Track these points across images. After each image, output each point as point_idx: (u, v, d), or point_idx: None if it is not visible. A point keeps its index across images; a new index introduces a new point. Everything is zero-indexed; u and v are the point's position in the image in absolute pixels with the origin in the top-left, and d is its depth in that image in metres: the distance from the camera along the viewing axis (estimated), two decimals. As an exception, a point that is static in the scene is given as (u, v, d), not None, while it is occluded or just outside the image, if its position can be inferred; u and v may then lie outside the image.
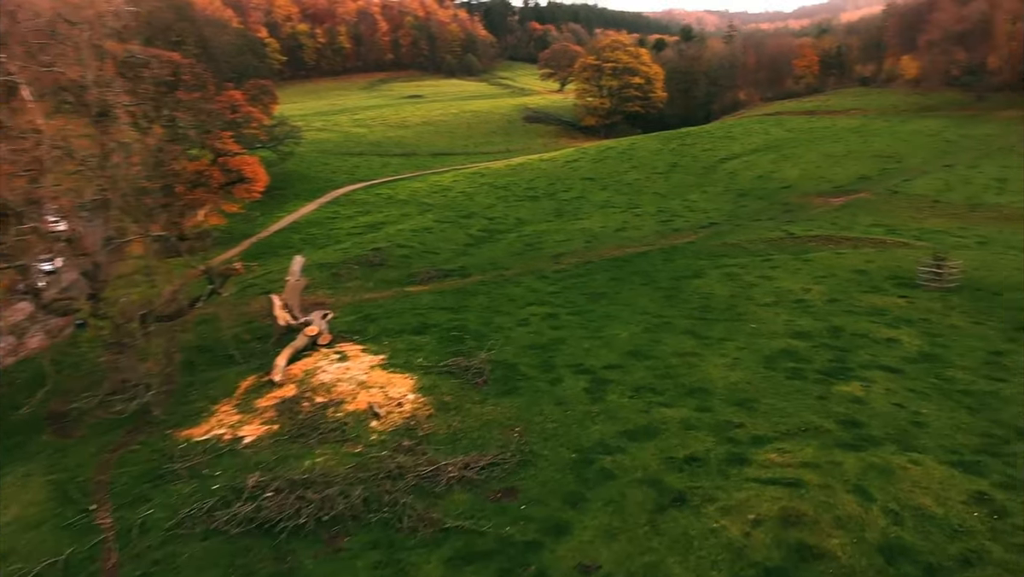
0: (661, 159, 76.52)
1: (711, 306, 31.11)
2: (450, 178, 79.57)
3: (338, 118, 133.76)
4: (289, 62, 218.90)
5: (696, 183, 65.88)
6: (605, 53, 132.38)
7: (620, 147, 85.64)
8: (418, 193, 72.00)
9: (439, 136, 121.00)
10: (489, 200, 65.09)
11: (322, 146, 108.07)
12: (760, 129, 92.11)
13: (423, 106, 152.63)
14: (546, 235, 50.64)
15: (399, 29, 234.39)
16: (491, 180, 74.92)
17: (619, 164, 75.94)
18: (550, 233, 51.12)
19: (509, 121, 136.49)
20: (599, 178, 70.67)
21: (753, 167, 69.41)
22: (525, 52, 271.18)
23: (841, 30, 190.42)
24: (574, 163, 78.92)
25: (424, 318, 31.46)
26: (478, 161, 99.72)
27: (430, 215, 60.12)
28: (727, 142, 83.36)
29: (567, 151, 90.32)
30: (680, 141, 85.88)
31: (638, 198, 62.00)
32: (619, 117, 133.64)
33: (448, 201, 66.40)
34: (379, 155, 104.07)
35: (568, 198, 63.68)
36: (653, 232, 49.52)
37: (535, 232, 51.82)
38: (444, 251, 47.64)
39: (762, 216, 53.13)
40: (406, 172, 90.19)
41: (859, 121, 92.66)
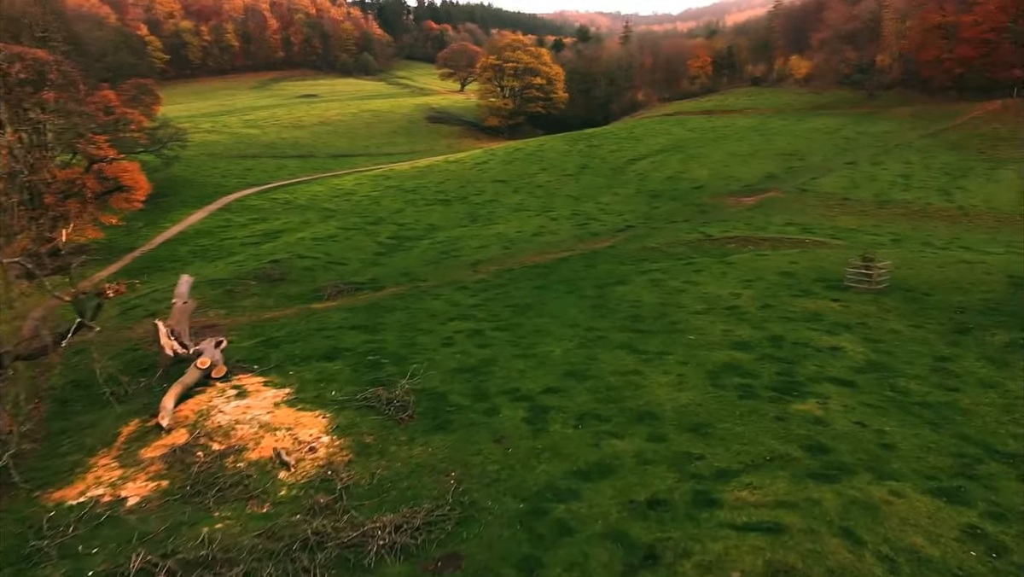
0: (570, 160, 75.44)
1: (642, 315, 29.51)
2: (353, 181, 75.73)
3: (227, 119, 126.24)
4: (173, 61, 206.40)
5: (607, 184, 65.02)
6: (506, 53, 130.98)
7: (528, 148, 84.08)
8: (319, 198, 67.90)
9: (338, 137, 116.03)
10: (397, 204, 61.93)
11: (211, 149, 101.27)
12: (663, 129, 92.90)
13: (319, 106, 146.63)
14: (461, 241, 48.10)
15: (290, 27, 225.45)
16: (398, 183, 71.68)
17: (529, 166, 74.30)
18: (465, 239, 48.62)
19: (411, 121, 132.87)
20: (510, 180, 68.76)
21: (662, 167, 69.32)
22: (422, 52, 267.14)
23: (731, 31, 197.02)
24: (483, 165, 76.70)
25: (335, 341, 28.30)
26: (382, 163, 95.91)
27: (334, 222, 56.40)
28: (632, 143, 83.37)
29: (475, 152, 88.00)
30: (587, 142, 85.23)
31: (552, 201, 60.45)
32: (522, 118, 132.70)
33: (353, 206, 62.75)
34: (274, 157, 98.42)
35: (481, 201, 61.39)
36: (571, 236, 47.88)
37: (449, 238, 49.20)
38: (352, 261, 44.26)
39: (677, 218, 52.58)
40: (304, 175, 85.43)
41: (757, 120, 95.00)
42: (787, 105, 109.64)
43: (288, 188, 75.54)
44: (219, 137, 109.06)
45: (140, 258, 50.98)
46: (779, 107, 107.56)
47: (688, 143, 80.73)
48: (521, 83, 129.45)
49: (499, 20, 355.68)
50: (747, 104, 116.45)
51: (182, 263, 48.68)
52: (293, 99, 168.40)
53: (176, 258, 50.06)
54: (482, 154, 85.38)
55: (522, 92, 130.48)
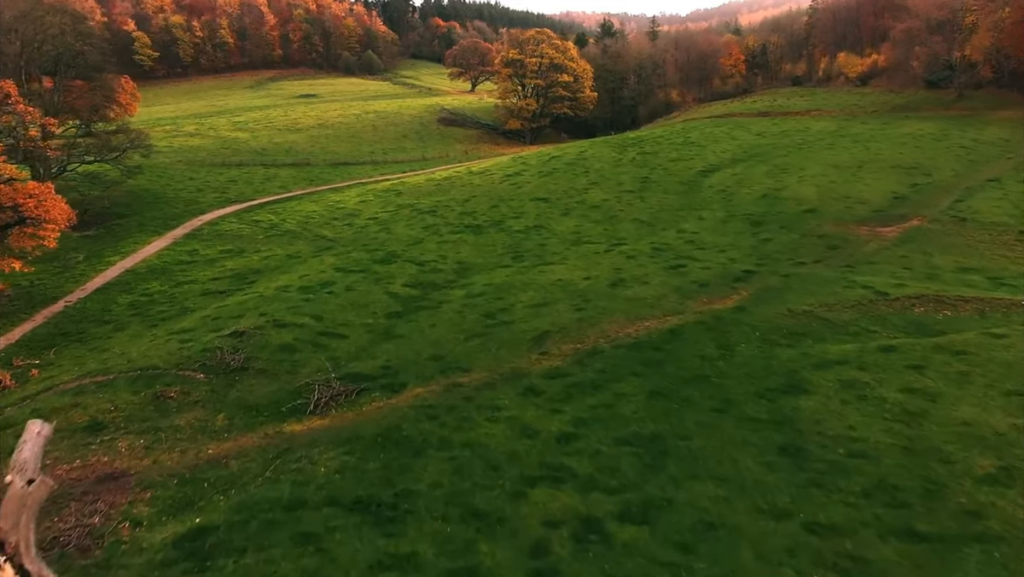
0: (625, 172, 60.86)
1: (892, 483, 15.08)
2: (356, 197, 61.24)
3: (215, 120, 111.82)
4: (163, 59, 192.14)
5: (684, 205, 50.46)
6: (529, 47, 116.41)
7: (567, 156, 69.47)
8: (313, 221, 53.47)
9: (338, 141, 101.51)
10: (414, 231, 47.41)
11: (191, 155, 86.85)
12: (722, 133, 78.35)
13: (318, 106, 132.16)
14: (509, 293, 33.51)
15: (288, 23, 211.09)
16: (412, 201, 57.21)
17: (574, 179, 59.70)
18: (514, 290, 34.03)
19: (422, 124, 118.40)
20: (555, 198, 54.17)
21: (747, 182, 54.75)
22: (429, 50, 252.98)
23: (765, 27, 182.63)
24: (516, 177, 62.09)
25: (319, 557, 13.82)
26: (390, 172, 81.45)
27: (330, 258, 41.85)
28: (694, 150, 68.78)
29: (501, 161, 73.43)
30: (637, 149, 70.63)
31: (618, 228, 45.91)
32: (547, 120, 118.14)
33: (356, 234, 48.28)
34: (263, 165, 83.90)
35: (523, 229, 46.85)
36: (668, 288, 33.22)
37: (492, 288, 34.62)
38: (354, 331, 29.72)
39: (803, 256, 37.96)
40: (297, 188, 70.92)
41: (833, 123, 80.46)
42: (855, 106, 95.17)
43: (276, 206, 61.04)
44: (202, 142, 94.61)
45: (60, 315, 36.41)
46: (848, 108, 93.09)
47: (765, 151, 66.11)
48: (546, 81, 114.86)
49: (507, 19, 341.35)
50: (806, 105, 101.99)
51: (113, 326, 34.13)
52: (290, 99, 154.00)
53: (108, 317, 35.51)
54: (511, 163, 70.85)
55: (547, 91, 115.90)
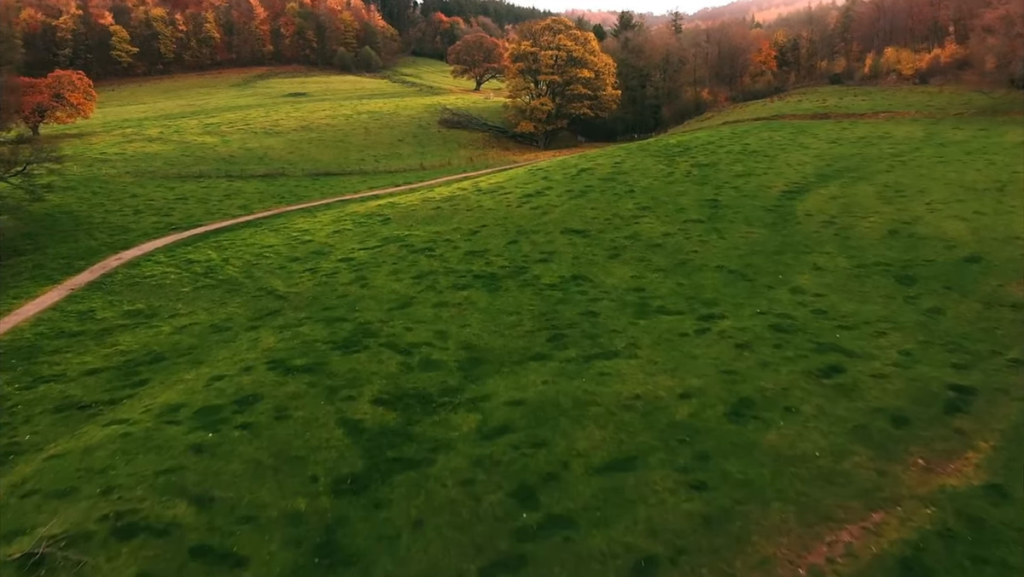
0: (683, 192, 46.46)
1: None
2: (330, 225, 46.93)
3: (184, 123, 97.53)
4: (144, 55, 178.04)
5: (782, 245, 36.02)
6: (544, 38, 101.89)
7: (599, 169, 55.05)
8: (264, 261, 39.18)
9: (323, 147, 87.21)
10: (401, 284, 32.99)
11: (144, 165, 72.69)
12: (784, 139, 64.09)
13: (305, 106, 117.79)
14: (553, 430, 19.19)
15: (280, 17, 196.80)
16: (402, 231, 42.83)
17: (616, 201, 45.27)
18: (561, 418, 19.74)
19: (420, 126, 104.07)
20: (595, 231, 39.72)
21: (856, 209, 40.48)
22: (431, 47, 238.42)
23: (799, 21, 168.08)
24: (538, 198, 47.65)
25: None
26: (379, 186, 67.16)
27: (270, 335, 27.48)
28: (763, 160, 54.50)
29: (516, 174, 58.96)
30: (688, 159, 56.31)
31: (698, 282, 31.47)
32: (564, 122, 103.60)
33: (318, 286, 33.89)
34: (228, 177, 69.68)
35: (556, 281, 32.39)
36: (841, 430, 18.80)
37: (520, 411, 20.29)
38: (262, 545, 15.40)
39: (1010, 344, 23.62)
40: (261, 208, 56.68)
41: (918, 128, 66.22)
42: (928, 107, 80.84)
43: (226, 236, 46.82)
44: (161, 148, 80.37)
45: None
46: (922, 110, 78.77)
47: (855, 164, 51.86)
48: (563, 77, 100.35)
49: (513, 15, 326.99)
50: (865, 106, 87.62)
51: None
52: (278, 98, 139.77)
53: None
54: (529, 177, 56.43)
55: (564, 89, 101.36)
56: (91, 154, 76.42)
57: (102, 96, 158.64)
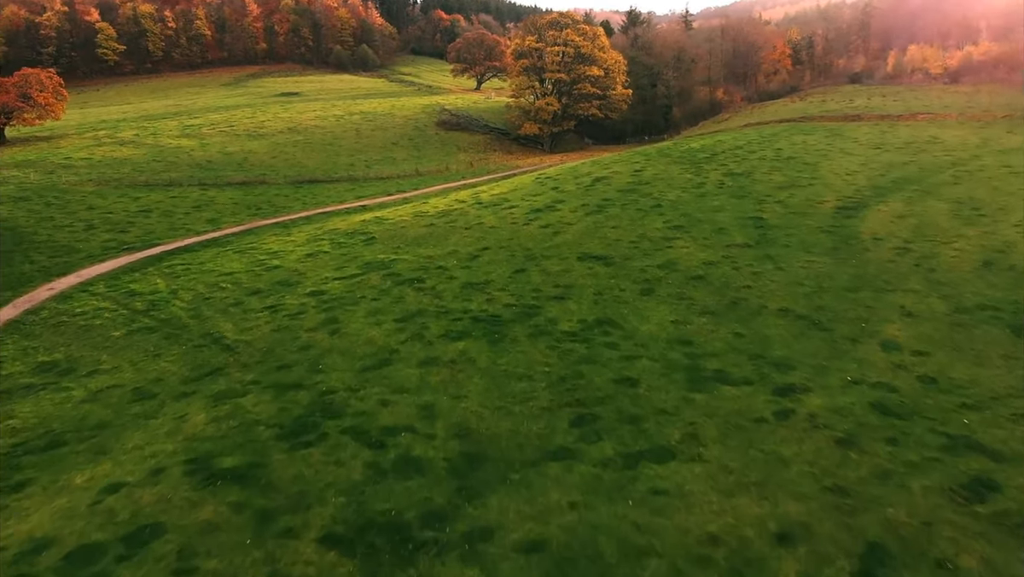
0: (720, 207, 39.57)
1: None
2: (304, 245, 40.07)
3: (162, 124, 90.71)
4: (132, 53, 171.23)
5: (854, 280, 29.09)
6: (549, 33, 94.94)
7: (617, 179, 48.21)
8: (218, 295, 32.29)
9: (309, 150, 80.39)
10: (380, 330, 26.00)
11: (111, 171, 66.00)
12: (822, 145, 57.42)
13: (295, 106, 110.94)
14: None
15: (274, 14, 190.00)
16: (388, 255, 35.91)
17: (641, 219, 38.38)
18: (606, 573, 12.95)
19: (417, 128, 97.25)
20: (619, 257, 32.77)
21: (932, 232, 33.70)
22: (431, 45, 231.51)
23: (812, 17, 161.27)
24: (549, 214, 40.74)
25: None
26: (368, 195, 60.39)
27: (200, 408, 20.64)
28: (804, 169, 47.74)
29: (522, 183, 52.09)
30: (717, 166, 49.54)
31: (760, 331, 24.50)
32: (571, 123, 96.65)
33: (275, 332, 26.96)
34: (201, 185, 62.91)
35: (576, 329, 25.38)
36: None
37: (544, 551, 13.40)
38: None
39: None
40: (231, 223, 49.93)
41: (969, 132, 59.63)
42: (969, 108, 74.47)
43: (181, 259, 40.06)
44: (133, 152, 73.59)
45: None
46: (963, 112, 72.18)
47: (911, 174, 45.13)
48: (570, 75, 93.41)
49: (515, 13, 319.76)
50: (899, 107, 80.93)
51: None
52: (268, 98, 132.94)
53: None
54: (536, 187, 49.55)
55: (571, 88, 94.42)
56: (55, 159, 69.71)
57: (86, 96, 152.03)
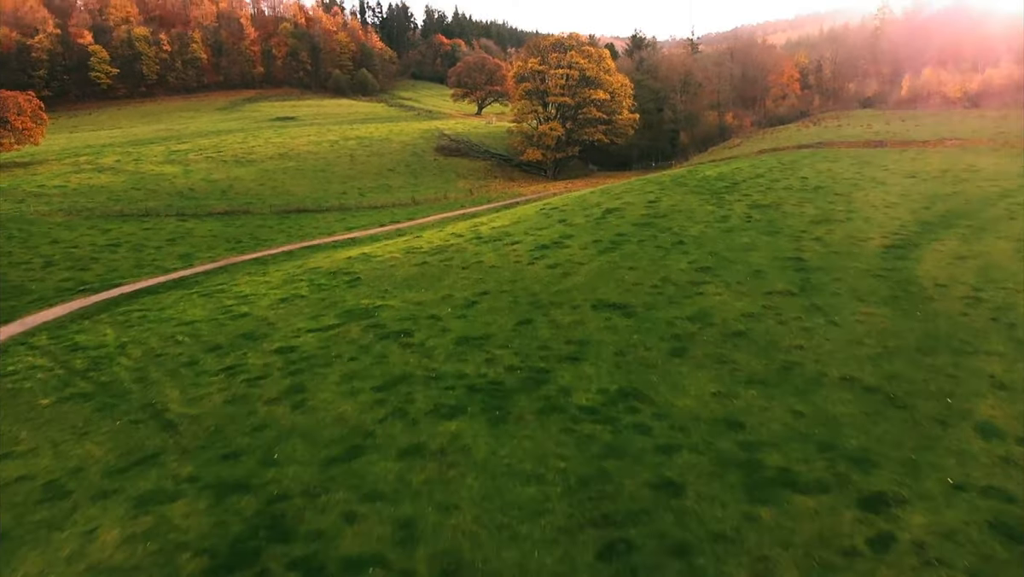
0: (752, 245, 34.93)
1: None
2: (280, 287, 35.38)
3: (148, 149, 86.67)
4: (126, 77, 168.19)
5: (925, 338, 24.31)
6: (553, 56, 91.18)
7: (630, 210, 43.76)
8: (171, 351, 27.56)
9: (300, 177, 76.19)
10: (356, 406, 21.18)
11: (85, 200, 61.71)
12: (850, 172, 53.23)
13: (290, 131, 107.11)
14: None
15: (272, 37, 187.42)
16: (374, 300, 31.21)
17: (662, 258, 33.75)
18: None
19: (415, 153, 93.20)
20: (641, 306, 28.02)
21: (1004, 277, 29.10)
22: (431, 70, 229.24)
23: (820, 40, 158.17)
24: (557, 251, 36.10)
25: None
26: (359, 226, 55.99)
27: (118, 525, 15.76)
28: (836, 200, 43.34)
29: (525, 215, 47.60)
30: (741, 198, 45.11)
31: (824, 409, 19.58)
32: (576, 149, 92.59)
33: (231, 403, 22.12)
34: (180, 215, 58.53)
35: (596, 405, 20.49)
36: None
37: None
38: None
39: None
40: (204, 260, 45.38)
41: (1009, 161, 55.32)
42: (999, 134, 70.44)
43: (142, 303, 35.51)
44: (112, 179, 69.37)
45: None
46: (996, 138, 68.27)
47: (958, 208, 40.72)
48: (575, 99, 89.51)
49: (516, 38, 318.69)
50: (924, 133, 76.95)
51: None
52: (263, 122, 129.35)
53: None
54: (541, 219, 45.08)
55: (576, 112, 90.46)
56: (27, 187, 65.45)
57: (77, 120, 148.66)
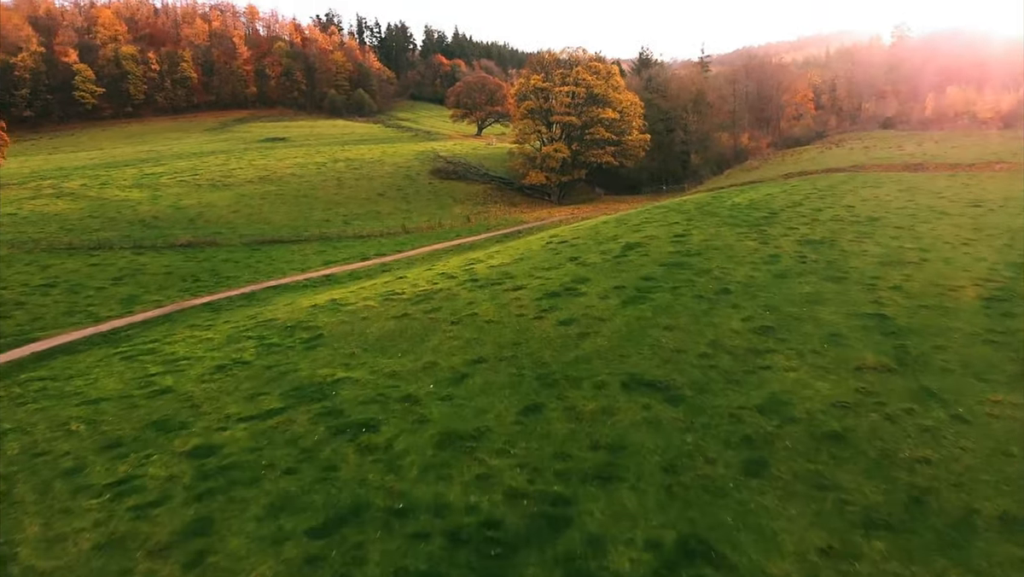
0: (813, 296, 27.81)
1: None
2: (219, 350, 28.18)
3: (119, 173, 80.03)
4: (113, 96, 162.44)
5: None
6: (558, 72, 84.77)
7: (653, 244, 36.79)
8: (59, 446, 20.29)
9: (280, 204, 69.41)
10: (279, 571, 14.07)
11: (33, 229, 54.83)
12: (899, 200, 46.59)
13: (277, 152, 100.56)
14: None
15: (266, 56, 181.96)
16: (329, 372, 24.02)
17: (705, 313, 26.58)
18: None
19: (408, 176, 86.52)
20: (688, 388, 20.85)
21: None
22: (431, 90, 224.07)
23: (833, 58, 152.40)
24: (568, 301, 28.93)
25: None
26: (339, 259, 49.00)
27: None
28: (899, 236, 36.42)
29: (528, 247, 40.56)
30: (786, 231, 38.15)
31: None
32: (583, 172, 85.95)
33: (97, 557, 14.90)
34: (137, 248, 51.59)
35: (645, 573, 13.50)
36: None
37: None
38: None
39: None
40: (149, 306, 38.28)
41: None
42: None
43: (47, 368, 28.44)
44: (68, 206, 62.54)
45: None
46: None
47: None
48: (581, 119, 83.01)
49: (517, 60, 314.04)
50: (964, 155, 70.29)
51: None
52: (251, 144, 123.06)
53: None
54: (546, 254, 38.14)
55: (582, 133, 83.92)
56: (-27, 214, 58.61)
57: (59, 141, 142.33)
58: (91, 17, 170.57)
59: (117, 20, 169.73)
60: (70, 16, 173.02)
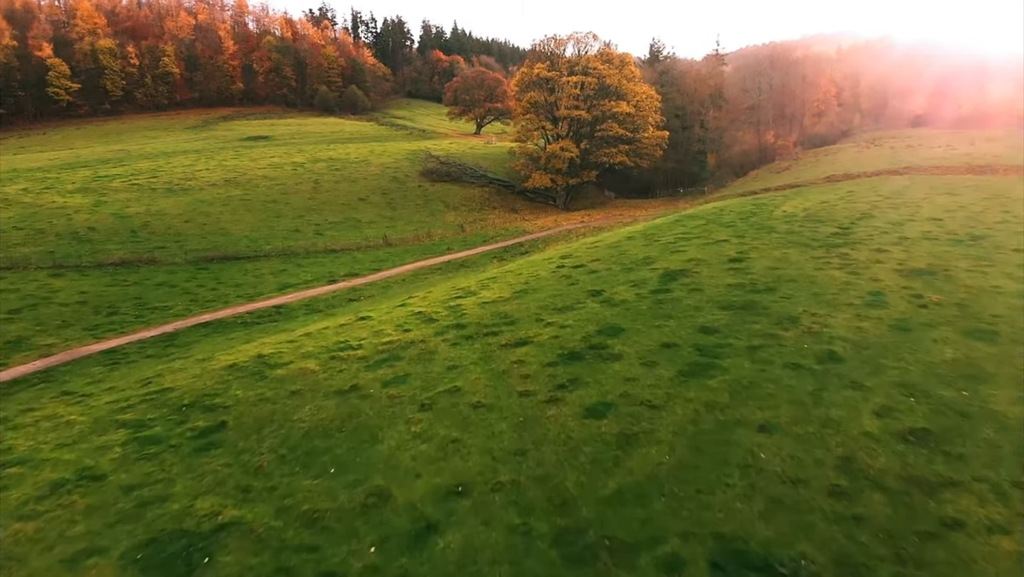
0: (960, 363, 18.42)
1: None
2: (76, 444, 18.71)
3: (71, 175, 70.83)
4: (89, 92, 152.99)
5: None
6: (563, 61, 75.38)
7: (702, 273, 27.56)
8: None
9: (244, 210, 60.15)
10: None
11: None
12: (991, 213, 37.31)
13: (253, 152, 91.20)
14: None
15: (253, 51, 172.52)
16: (215, 513, 14.67)
17: (811, 395, 17.27)
18: None
19: (395, 178, 77.20)
20: (835, 566, 11.54)
21: None
22: (428, 88, 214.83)
23: (852, 52, 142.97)
24: (593, 367, 19.62)
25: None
26: (300, 283, 39.73)
27: None
28: (1020, 262, 26.97)
29: (532, 271, 31.22)
30: (874, 254, 28.88)
31: None
32: (593, 173, 76.58)
33: None
34: (56, 267, 42.35)
35: None
36: None
37: None
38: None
39: None
40: (31, 355, 28.99)
41: None
42: None
43: None
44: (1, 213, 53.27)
45: None
46: None
47: None
48: (592, 113, 73.64)
49: (518, 56, 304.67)
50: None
51: None
52: (231, 143, 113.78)
53: None
54: (556, 283, 29.01)
55: (592, 129, 74.55)
56: None
57: (27, 140, 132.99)
58: (70, 10, 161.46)
59: (96, 13, 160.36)
60: (47, 9, 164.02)
